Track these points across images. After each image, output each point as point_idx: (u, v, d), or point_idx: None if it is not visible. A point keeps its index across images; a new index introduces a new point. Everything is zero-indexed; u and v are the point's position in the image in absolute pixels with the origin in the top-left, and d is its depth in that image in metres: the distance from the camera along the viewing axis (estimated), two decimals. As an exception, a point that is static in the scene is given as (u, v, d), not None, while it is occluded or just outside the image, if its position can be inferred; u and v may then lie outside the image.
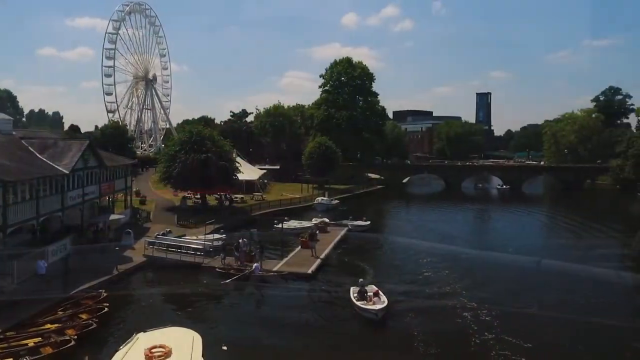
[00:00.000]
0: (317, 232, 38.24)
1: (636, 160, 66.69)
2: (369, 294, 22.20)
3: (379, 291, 22.63)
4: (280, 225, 39.28)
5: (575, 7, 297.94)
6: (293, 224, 42.34)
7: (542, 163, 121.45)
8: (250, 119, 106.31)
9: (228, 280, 26.50)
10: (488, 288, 26.68)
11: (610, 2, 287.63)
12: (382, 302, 21.62)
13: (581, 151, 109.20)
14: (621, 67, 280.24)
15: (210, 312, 23.24)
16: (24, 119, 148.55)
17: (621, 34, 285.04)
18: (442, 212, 61.89)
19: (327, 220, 43.75)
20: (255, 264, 28.01)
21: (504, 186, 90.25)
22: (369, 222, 45.43)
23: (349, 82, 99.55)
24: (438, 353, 18.13)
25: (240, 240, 30.66)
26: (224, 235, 34.62)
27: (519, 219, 57.58)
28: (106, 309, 20.87)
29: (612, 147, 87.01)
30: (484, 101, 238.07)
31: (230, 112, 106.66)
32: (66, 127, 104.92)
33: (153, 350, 14.06)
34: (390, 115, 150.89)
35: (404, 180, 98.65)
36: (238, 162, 52.60)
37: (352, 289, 23.48)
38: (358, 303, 21.84)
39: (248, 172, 62.21)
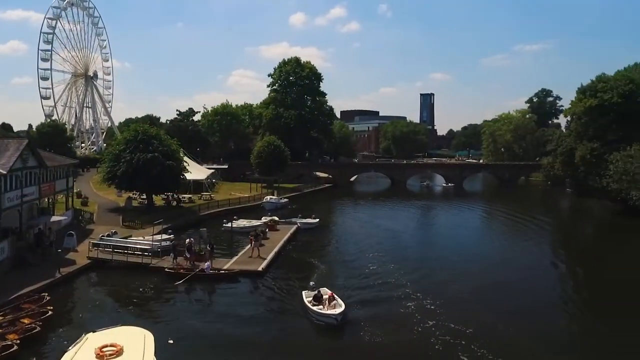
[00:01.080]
0: (267, 230, 38.74)
1: (564, 158, 71.26)
2: (324, 297, 21.51)
3: (334, 294, 21.65)
4: (229, 225, 39.33)
5: (507, 13, 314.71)
6: (242, 223, 42.42)
7: (481, 161, 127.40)
8: (197, 117, 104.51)
9: (181, 281, 26.31)
10: (432, 279, 28.34)
11: (540, 9, 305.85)
12: (340, 306, 20.83)
13: (516, 149, 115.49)
14: (552, 71, 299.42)
15: (160, 312, 23.02)
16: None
17: (550, 39, 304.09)
18: (389, 209, 63.83)
19: (276, 218, 44.13)
20: (206, 263, 28.07)
21: (449, 184, 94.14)
22: (318, 220, 46.24)
23: (297, 81, 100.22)
24: (394, 348, 18.85)
25: (188, 240, 30.47)
26: (172, 236, 34.24)
27: (460, 213, 60.42)
28: (50, 312, 20.35)
29: (544, 146, 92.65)
30: (427, 101, 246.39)
31: (177, 110, 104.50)
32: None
33: (104, 349, 13.97)
34: (338, 115, 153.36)
35: (352, 179, 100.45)
36: (186, 162, 51.88)
37: (304, 293, 22.77)
38: (315, 308, 21.00)
39: (196, 171, 61.43)
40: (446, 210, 64.79)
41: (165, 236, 33.45)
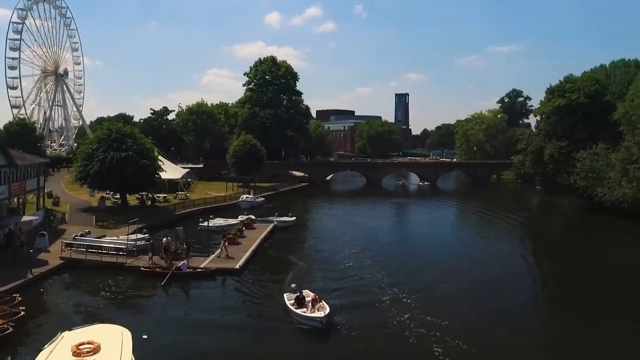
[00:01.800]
0: (244, 228, 38.73)
1: (534, 157, 73.15)
2: (307, 300, 21.03)
3: (317, 296, 21.07)
4: (205, 224, 39.15)
5: (480, 15, 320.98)
6: (219, 221, 42.33)
7: (454, 160, 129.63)
8: (172, 117, 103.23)
9: (164, 281, 26.07)
10: (407, 274, 28.90)
11: (511, 12, 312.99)
12: (324, 309, 20.25)
13: (488, 149, 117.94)
14: (522, 72, 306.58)
15: (136, 311, 22.92)
16: None
17: (521, 41, 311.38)
18: (365, 207, 64.48)
19: (253, 217, 44.16)
20: (182, 262, 27.99)
21: (424, 183, 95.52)
22: (294, 218, 46.49)
23: (273, 80, 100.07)
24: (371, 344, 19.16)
25: (165, 239, 30.29)
26: (147, 235, 33.97)
27: (434, 211, 61.48)
28: (22, 312, 19.97)
29: (515, 145, 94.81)
30: (402, 101, 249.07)
31: (151, 109, 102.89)
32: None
33: (81, 347, 13.85)
34: (314, 115, 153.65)
35: (328, 178, 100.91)
36: (161, 161, 51.33)
37: (285, 295, 22.17)
38: (298, 311, 20.44)
39: (171, 171, 60.79)
40: (421, 208, 65.85)
41: (140, 235, 33.16)
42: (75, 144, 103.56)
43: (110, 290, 25.26)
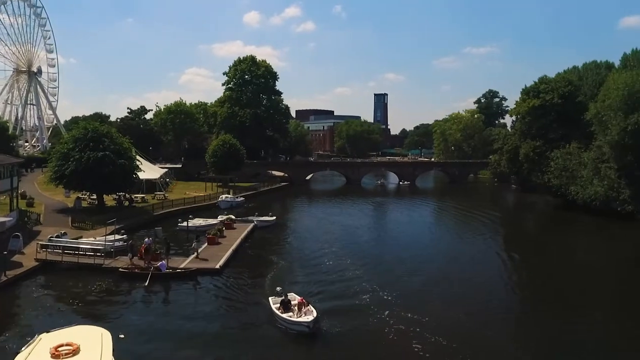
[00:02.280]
0: (224, 228, 38.57)
1: (510, 156, 74.74)
2: (292, 303, 20.55)
3: (304, 300, 20.45)
4: (185, 224, 38.88)
5: (457, 17, 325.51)
6: (198, 221, 42.06)
7: (432, 159, 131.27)
8: (149, 116, 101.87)
9: (147, 282, 25.79)
10: (387, 272, 29.22)
11: (487, 14, 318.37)
12: (312, 313, 19.58)
13: (466, 148, 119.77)
14: (498, 73, 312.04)
15: (115, 312, 22.60)
16: None
17: (496, 42, 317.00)
18: (344, 207, 64.78)
19: (233, 217, 43.97)
20: (161, 262, 27.75)
21: (405, 182, 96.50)
22: (274, 218, 46.50)
23: (253, 80, 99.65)
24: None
25: (147, 239, 29.97)
26: (125, 236, 33.56)
27: (413, 209, 62.12)
28: (-3, 315, 19.65)
29: (491, 144, 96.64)
30: (381, 101, 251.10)
31: (128, 108, 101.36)
32: None
33: (59, 349, 13.65)
34: (293, 114, 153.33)
35: (308, 177, 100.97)
36: (139, 160, 50.65)
37: (271, 299, 21.53)
38: (284, 316, 19.83)
39: (149, 171, 60.08)
40: (400, 207, 66.47)
41: (118, 236, 32.73)
42: (50, 144, 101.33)
43: (88, 292, 24.89)
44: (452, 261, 33.08)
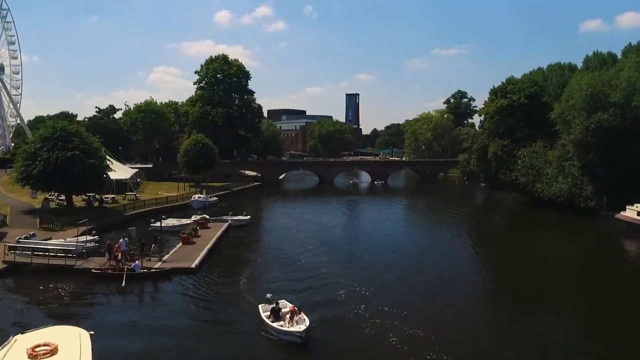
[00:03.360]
0: (198, 228, 38.32)
1: (479, 155, 76.57)
2: (283, 311, 19.67)
3: (295, 308, 19.41)
4: (157, 224, 38.37)
5: (426, 18, 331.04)
6: (171, 221, 41.66)
7: (404, 158, 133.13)
8: (119, 115, 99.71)
9: (124, 282, 25.39)
10: (361, 268, 29.70)
11: (454, 16, 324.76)
12: (304, 322, 18.65)
13: (436, 147, 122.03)
14: (466, 74, 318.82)
15: (88, 313, 22.24)
16: None
17: (464, 44, 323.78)
18: (318, 205, 65.24)
19: (207, 216, 43.68)
20: (135, 262, 27.44)
21: (379, 181, 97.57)
22: (249, 217, 46.44)
23: (225, 79, 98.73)
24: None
25: (122, 240, 29.50)
26: (96, 237, 32.97)
27: (386, 207, 63.05)
28: (-34, 319, 19.07)
29: (460, 144, 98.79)
30: (352, 101, 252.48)
31: (96, 107, 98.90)
32: None
33: (37, 349, 13.43)
34: (265, 114, 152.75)
35: (281, 177, 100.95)
36: (109, 160, 49.66)
37: (260, 307, 20.42)
38: (275, 325, 18.82)
39: (119, 171, 58.91)
40: (373, 205, 67.28)
41: (89, 237, 32.11)
42: (13, 144, 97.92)
43: (60, 293, 24.43)
44: (424, 257, 33.87)
